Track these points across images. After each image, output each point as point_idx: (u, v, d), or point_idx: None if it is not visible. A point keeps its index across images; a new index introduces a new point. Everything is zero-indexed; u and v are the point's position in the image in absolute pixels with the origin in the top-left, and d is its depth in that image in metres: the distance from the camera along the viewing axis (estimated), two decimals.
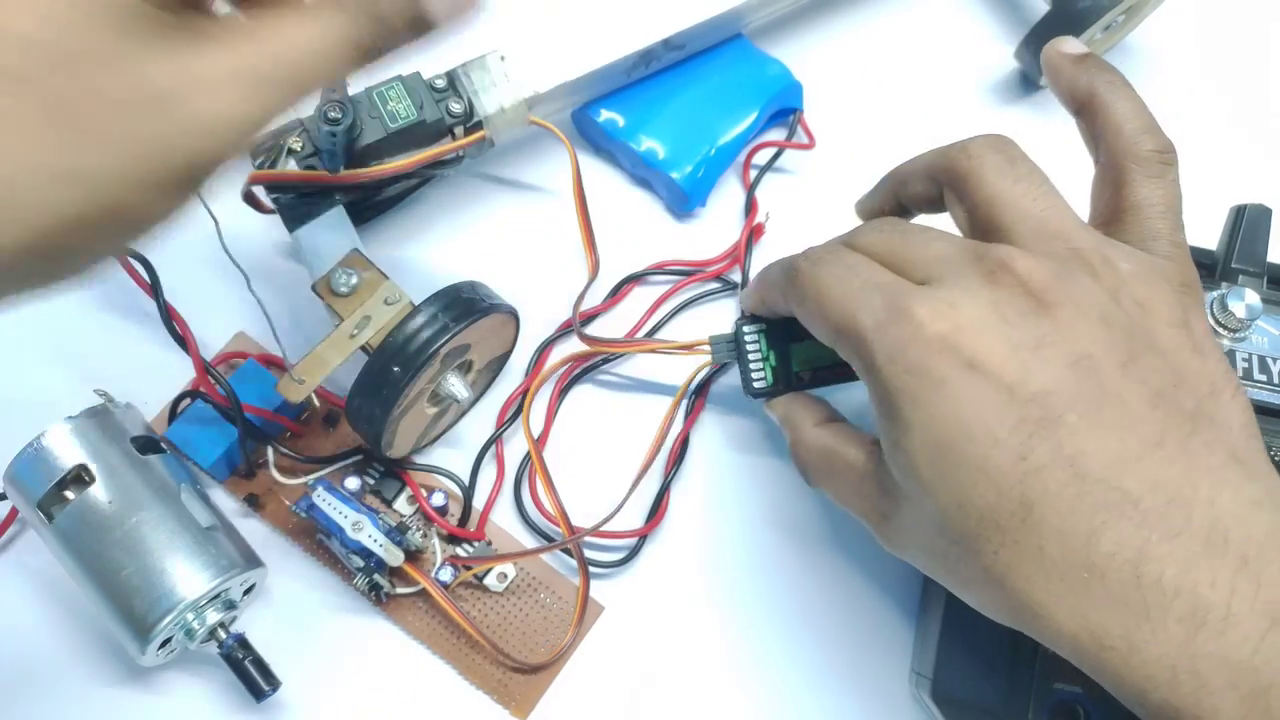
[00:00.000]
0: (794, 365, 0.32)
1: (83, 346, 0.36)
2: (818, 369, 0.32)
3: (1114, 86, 0.27)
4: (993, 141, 0.27)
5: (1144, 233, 0.26)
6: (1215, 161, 0.42)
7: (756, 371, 0.32)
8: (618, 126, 0.39)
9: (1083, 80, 0.27)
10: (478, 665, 0.33)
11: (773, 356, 0.32)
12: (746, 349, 0.32)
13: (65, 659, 0.32)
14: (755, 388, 0.32)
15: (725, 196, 0.40)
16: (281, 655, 0.31)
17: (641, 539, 0.35)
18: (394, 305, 0.31)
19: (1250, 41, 0.44)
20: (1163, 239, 0.26)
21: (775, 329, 0.32)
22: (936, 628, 0.30)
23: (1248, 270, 0.34)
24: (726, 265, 0.39)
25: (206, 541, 0.30)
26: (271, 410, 0.33)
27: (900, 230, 0.27)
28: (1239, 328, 0.31)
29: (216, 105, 0.19)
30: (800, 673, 0.34)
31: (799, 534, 0.36)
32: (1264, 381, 0.31)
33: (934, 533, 0.24)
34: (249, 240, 0.37)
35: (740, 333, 0.32)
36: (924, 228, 0.27)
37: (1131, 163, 0.27)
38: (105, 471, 0.30)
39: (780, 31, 0.43)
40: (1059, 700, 0.29)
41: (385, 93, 0.34)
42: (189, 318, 0.33)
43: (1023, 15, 0.44)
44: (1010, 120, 0.42)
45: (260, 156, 0.34)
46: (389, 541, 0.31)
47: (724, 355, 0.33)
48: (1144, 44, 0.44)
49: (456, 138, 0.35)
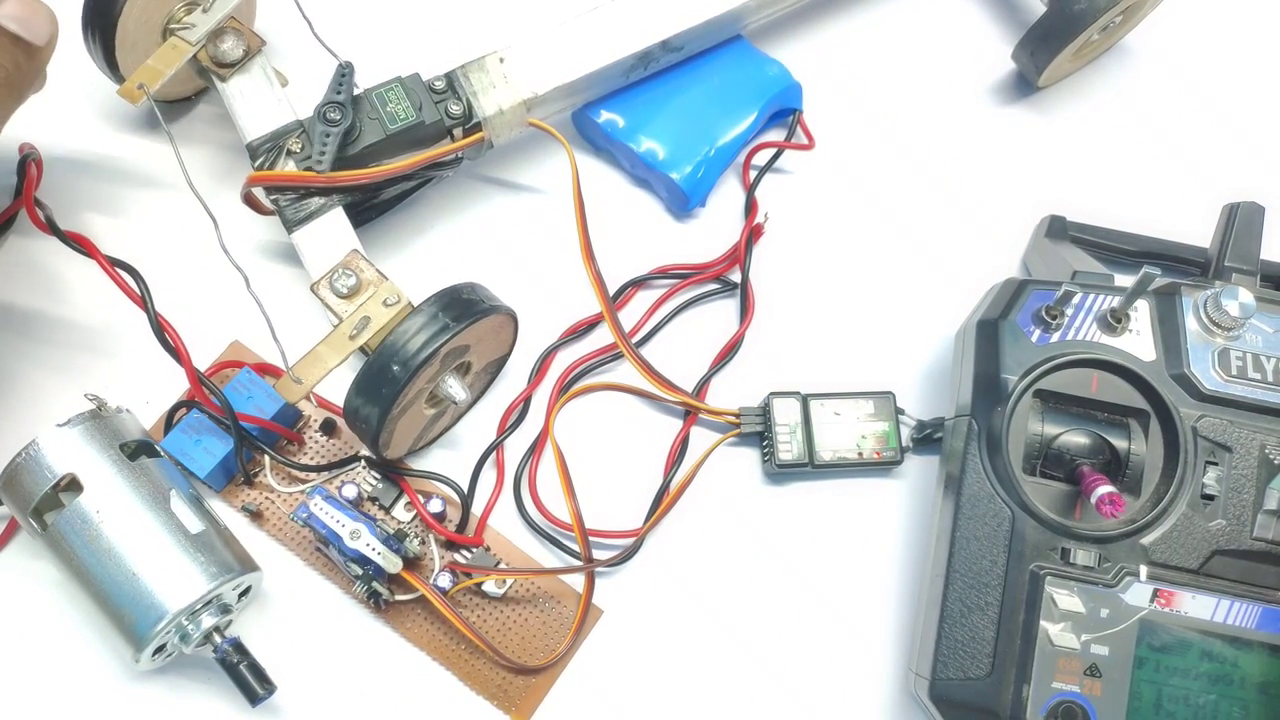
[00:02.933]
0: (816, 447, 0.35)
1: (79, 352, 0.36)
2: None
3: None
4: None
5: None
6: (1209, 160, 0.42)
7: (784, 445, 0.35)
8: (618, 127, 0.38)
9: None
10: (477, 670, 0.33)
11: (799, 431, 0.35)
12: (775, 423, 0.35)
13: (63, 662, 0.32)
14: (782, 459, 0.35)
15: (725, 197, 0.40)
16: (280, 661, 0.31)
17: (640, 539, 0.35)
18: (393, 306, 0.31)
19: (1245, 42, 0.45)
20: None
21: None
22: (935, 628, 0.31)
23: (1241, 268, 0.34)
24: (726, 266, 0.39)
25: (196, 548, 0.30)
26: (268, 419, 0.33)
27: None
28: (1232, 326, 0.31)
29: None
30: (799, 673, 0.34)
31: (798, 535, 0.36)
32: (1258, 380, 0.31)
33: None
34: (248, 241, 0.37)
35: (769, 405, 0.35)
36: None
37: None
38: (94, 480, 0.30)
39: (780, 32, 0.43)
40: (1058, 700, 0.29)
41: (384, 94, 0.34)
42: (185, 324, 0.33)
43: (1020, 17, 0.44)
44: (1007, 120, 0.43)
45: (260, 157, 0.33)
46: (387, 549, 0.31)
47: (752, 425, 0.36)
48: (1141, 45, 0.44)
49: (455, 139, 0.35)
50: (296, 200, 0.33)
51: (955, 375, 0.34)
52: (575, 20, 0.37)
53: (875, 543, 0.36)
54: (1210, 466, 0.30)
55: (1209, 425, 0.31)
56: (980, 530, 0.30)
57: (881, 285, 0.39)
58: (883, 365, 0.38)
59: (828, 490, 0.36)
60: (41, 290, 0.37)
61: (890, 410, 0.36)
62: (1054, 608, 0.30)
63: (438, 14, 0.42)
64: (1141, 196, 0.41)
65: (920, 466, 0.37)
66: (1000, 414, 0.31)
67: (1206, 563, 0.30)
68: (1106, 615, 0.30)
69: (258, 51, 0.35)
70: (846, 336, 0.39)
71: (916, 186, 0.41)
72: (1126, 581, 0.30)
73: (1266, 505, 0.30)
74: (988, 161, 0.42)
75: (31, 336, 0.36)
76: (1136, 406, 0.31)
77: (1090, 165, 0.42)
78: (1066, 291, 0.31)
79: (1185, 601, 0.30)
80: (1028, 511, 0.30)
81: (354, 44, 0.38)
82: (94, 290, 0.36)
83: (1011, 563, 0.30)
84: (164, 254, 0.37)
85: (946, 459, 0.33)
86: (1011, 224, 0.40)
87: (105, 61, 0.36)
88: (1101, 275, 0.33)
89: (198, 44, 0.34)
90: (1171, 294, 0.32)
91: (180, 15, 0.35)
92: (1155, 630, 0.30)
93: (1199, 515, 0.30)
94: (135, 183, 0.38)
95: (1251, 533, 0.30)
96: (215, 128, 0.39)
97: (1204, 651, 0.30)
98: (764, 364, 0.38)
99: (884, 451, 0.35)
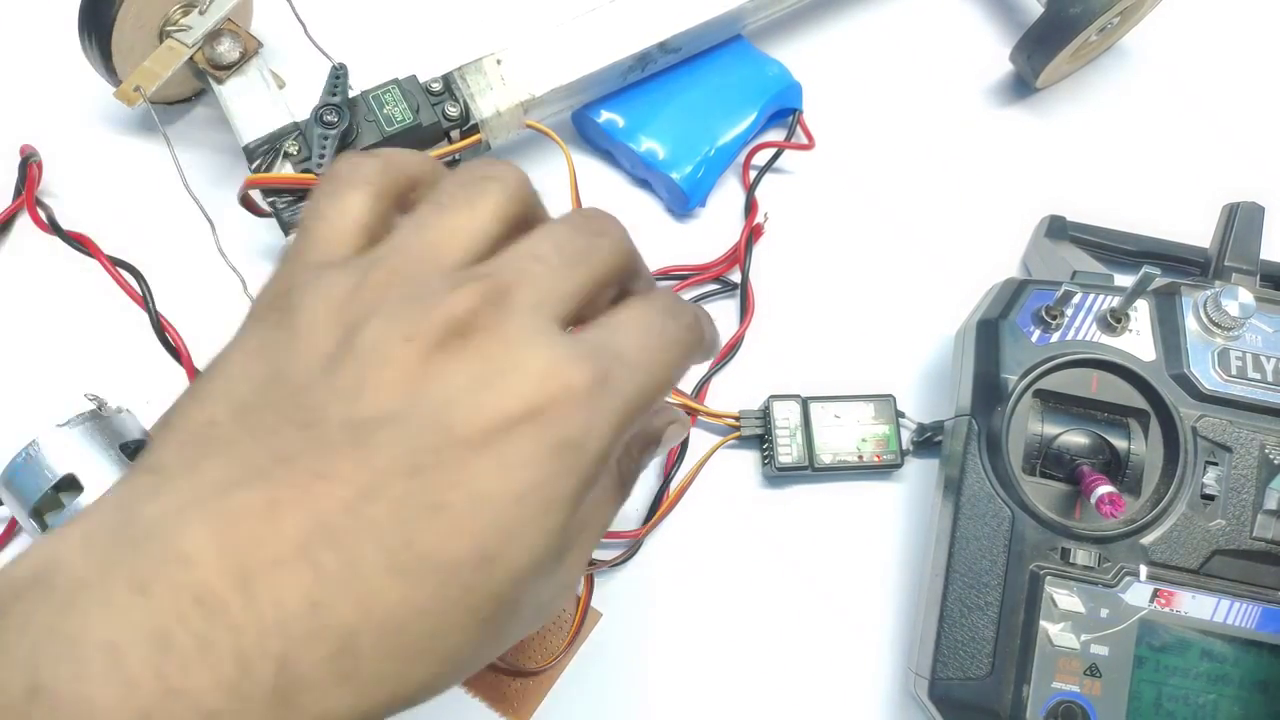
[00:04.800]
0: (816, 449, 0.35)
1: (79, 352, 0.36)
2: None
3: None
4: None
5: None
6: (1209, 160, 0.42)
7: (784, 448, 0.34)
8: (618, 127, 0.39)
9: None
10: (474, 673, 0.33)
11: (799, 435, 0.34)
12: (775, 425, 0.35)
13: None
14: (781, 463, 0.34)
15: (725, 197, 0.40)
16: None
17: (639, 542, 0.35)
18: None
19: (1243, 42, 0.45)
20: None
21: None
22: (934, 628, 0.31)
23: (1241, 268, 0.34)
24: (725, 267, 0.39)
25: None
26: None
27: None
28: (1232, 326, 0.31)
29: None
30: (799, 673, 0.34)
31: (798, 537, 0.36)
32: (1258, 379, 0.31)
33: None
34: (248, 243, 0.37)
35: (769, 408, 0.35)
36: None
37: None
38: (94, 480, 0.30)
39: (780, 32, 0.43)
40: (1058, 700, 0.29)
41: (382, 96, 0.34)
42: (186, 324, 0.33)
43: (1018, 18, 0.44)
44: (1008, 120, 0.43)
45: (257, 159, 0.33)
46: None
47: (752, 428, 0.36)
48: (1139, 46, 0.44)
49: (452, 141, 0.35)
50: (294, 203, 0.33)
51: (955, 375, 0.34)
52: (573, 22, 0.37)
53: (875, 545, 0.36)
54: (1210, 466, 0.30)
55: (1209, 425, 0.31)
56: (980, 530, 0.30)
57: (881, 285, 0.39)
58: (882, 365, 0.38)
59: (827, 493, 0.36)
60: (41, 290, 0.37)
61: (890, 413, 0.36)
62: (1054, 608, 0.30)
63: (435, 16, 0.42)
64: (1141, 196, 0.41)
65: (920, 470, 0.37)
66: (1000, 414, 0.31)
67: (1206, 563, 0.30)
68: (1106, 615, 0.30)
69: (254, 53, 0.35)
70: (846, 336, 0.38)
71: (916, 186, 0.41)
72: (1126, 581, 0.30)
73: (1266, 505, 0.30)
74: (987, 162, 0.42)
75: (31, 336, 0.36)
76: (1136, 406, 0.31)
77: (1090, 165, 0.42)
78: (1066, 291, 0.31)
79: (1185, 601, 0.30)
80: (1027, 511, 0.30)
81: (351, 46, 0.38)
82: (94, 290, 0.36)
83: (1011, 563, 0.30)
84: (165, 254, 0.37)
85: (946, 461, 0.33)
86: (1011, 224, 0.40)
87: (103, 65, 0.36)
88: (1101, 275, 0.33)
89: (194, 46, 0.34)
90: (1171, 294, 0.32)
91: (176, 17, 0.35)
92: (1155, 630, 0.30)
93: (1199, 515, 0.30)
94: (136, 183, 0.38)
95: (1251, 533, 0.30)
96: (213, 130, 0.39)
97: (1204, 651, 0.29)
98: (764, 364, 0.38)
99: (884, 454, 0.35)
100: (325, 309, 0.18)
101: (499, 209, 0.20)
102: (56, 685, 0.14)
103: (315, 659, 0.15)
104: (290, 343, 0.18)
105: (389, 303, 0.18)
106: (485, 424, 0.16)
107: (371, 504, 0.16)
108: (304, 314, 0.18)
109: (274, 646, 0.15)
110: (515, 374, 0.17)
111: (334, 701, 0.15)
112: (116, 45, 0.35)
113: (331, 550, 0.15)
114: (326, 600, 0.15)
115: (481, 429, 0.16)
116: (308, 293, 0.18)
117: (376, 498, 0.16)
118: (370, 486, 0.16)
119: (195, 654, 0.14)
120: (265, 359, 0.18)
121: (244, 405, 0.17)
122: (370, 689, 0.16)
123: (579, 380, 0.17)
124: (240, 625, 0.15)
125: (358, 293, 0.18)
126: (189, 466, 0.16)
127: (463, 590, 0.16)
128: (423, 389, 0.17)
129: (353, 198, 0.20)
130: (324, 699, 0.15)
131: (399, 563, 0.16)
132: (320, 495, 0.16)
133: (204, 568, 0.15)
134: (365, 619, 0.15)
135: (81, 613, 0.15)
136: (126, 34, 0.35)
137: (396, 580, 0.16)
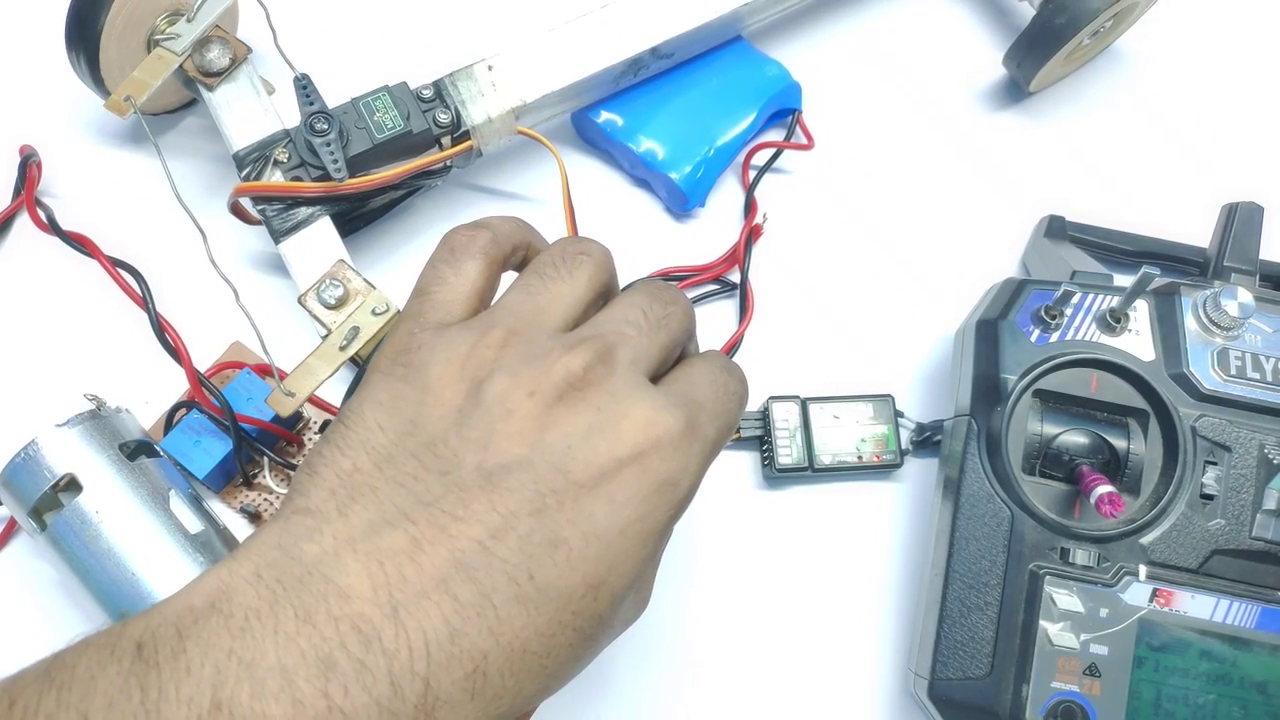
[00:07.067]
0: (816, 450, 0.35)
1: (79, 352, 0.36)
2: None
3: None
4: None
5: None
6: (1207, 161, 0.42)
7: (783, 449, 0.35)
8: (617, 127, 0.39)
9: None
10: None
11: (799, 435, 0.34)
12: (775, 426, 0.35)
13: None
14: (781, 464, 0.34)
15: (724, 197, 0.40)
16: None
17: None
18: (382, 315, 0.31)
19: (1240, 43, 0.45)
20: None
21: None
22: (934, 628, 0.31)
23: (1240, 268, 0.34)
24: (725, 267, 0.39)
25: (195, 548, 0.30)
26: (267, 420, 0.33)
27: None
28: (1232, 326, 0.31)
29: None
30: (799, 674, 0.34)
31: (797, 538, 0.36)
32: (1257, 379, 0.31)
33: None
34: (241, 251, 0.37)
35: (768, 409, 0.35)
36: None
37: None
38: (93, 480, 0.29)
39: (779, 33, 0.43)
40: (1057, 700, 0.29)
41: (372, 103, 0.34)
42: (185, 325, 0.33)
43: (1010, 21, 0.44)
44: (1007, 121, 0.43)
45: (246, 167, 0.33)
46: None
47: (752, 429, 0.36)
48: (1133, 48, 0.44)
49: (444, 148, 0.35)
50: (283, 210, 0.33)
51: (954, 375, 0.34)
52: (564, 27, 0.37)
53: (874, 545, 0.36)
54: (1209, 466, 0.30)
55: (1208, 425, 0.31)
56: (979, 530, 0.30)
57: (881, 285, 0.39)
58: (882, 365, 0.38)
59: (827, 493, 0.36)
60: (41, 290, 0.37)
61: (889, 413, 0.36)
62: (1053, 607, 0.30)
63: (425, 22, 0.42)
64: (1140, 197, 0.41)
65: (919, 469, 0.37)
66: (1000, 414, 0.31)
67: (1206, 562, 0.30)
68: (1106, 615, 0.30)
69: (244, 59, 0.35)
70: (845, 336, 0.38)
71: (915, 186, 0.41)
72: (1126, 581, 0.30)
73: (1265, 505, 0.30)
74: (987, 162, 0.42)
75: (31, 336, 0.36)
76: (1136, 406, 0.31)
77: (1089, 165, 0.42)
78: (1066, 291, 0.31)
79: (1184, 601, 0.30)
80: (1027, 511, 0.30)
81: (341, 53, 0.38)
82: (94, 290, 0.36)
83: (1011, 562, 0.30)
84: (164, 255, 0.37)
85: (945, 461, 0.33)
86: (1010, 224, 0.40)
87: (91, 78, 0.35)
88: (1101, 275, 0.33)
89: (183, 54, 0.34)
90: (1170, 294, 0.32)
91: (163, 26, 0.35)
92: (1154, 630, 0.30)
93: (1198, 515, 0.30)
94: (135, 184, 0.38)
95: (1250, 532, 0.30)
96: (205, 139, 0.39)
97: (1203, 651, 0.29)
98: (763, 364, 0.38)
99: (883, 455, 0.35)
100: (451, 366, 0.20)
101: (592, 280, 0.23)
102: (236, 703, 0.16)
103: (453, 679, 0.17)
104: (421, 397, 0.20)
105: (508, 360, 0.20)
106: (599, 467, 0.19)
107: (501, 542, 0.18)
108: (433, 370, 0.20)
109: (420, 668, 0.17)
110: (625, 422, 0.20)
111: (465, 714, 0.18)
112: (103, 58, 0.35)
113: (467, 583, 0.18)
114: (463, 627, 0.18)
115: (595, 472, 0.19)
116: (434, 351, 0.21)
117: (505, 536, 0.18)
118: (500, 526, 0.18)
119: (354, 676, 0.17)
120: (399, 412, 0.20)
121: (384, 454, 0.20)
122: (493, 703, 0.18)
123: (675, 427, 0.20)
124: (392, 651, 0.17)
125: (477, 351, 0.21)
126: (340, 510, 0.19)
127: (573, 615, 0.19)
128: (543, 437, 0.19)
129: (470, 266, 0.23)
130: (457, 713, 0.18)
131: (523, 593, 0.18)
132: (456, 535, 0.18)
133: (360, 600, 0.17)
134: (495, 643, 0.18)
135: (256, 639, 0.17)
136: (113, 46, 0.34)
137: (521, 609, 0.18)
